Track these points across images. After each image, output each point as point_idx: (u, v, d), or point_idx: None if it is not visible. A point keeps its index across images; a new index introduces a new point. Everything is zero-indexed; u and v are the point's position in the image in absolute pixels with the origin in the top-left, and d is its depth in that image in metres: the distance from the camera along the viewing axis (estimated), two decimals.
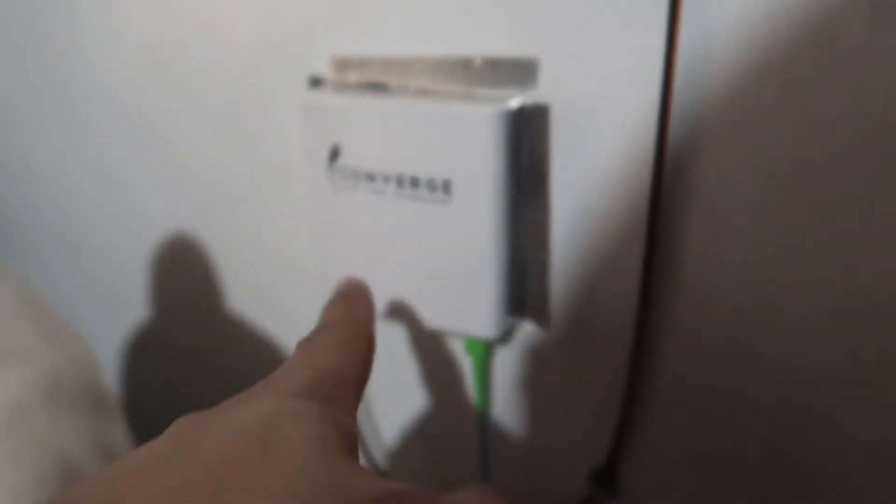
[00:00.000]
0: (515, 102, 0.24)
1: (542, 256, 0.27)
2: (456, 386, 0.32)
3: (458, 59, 0.25)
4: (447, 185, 0.24)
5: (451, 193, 0.24)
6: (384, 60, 0.27)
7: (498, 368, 0.31)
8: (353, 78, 0.28)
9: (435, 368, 0.33)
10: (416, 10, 0.26)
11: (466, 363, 0.31)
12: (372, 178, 0.26)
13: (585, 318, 0.27)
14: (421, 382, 0.34)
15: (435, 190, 0.25)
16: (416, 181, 0.25)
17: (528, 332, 0.29)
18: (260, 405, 0.15)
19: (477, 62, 0.25)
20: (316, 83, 0.30)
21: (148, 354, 0.52)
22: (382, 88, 0.27)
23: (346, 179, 0.27)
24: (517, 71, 0.24)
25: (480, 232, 0.25)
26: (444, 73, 0.26)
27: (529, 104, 0.24)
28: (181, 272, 0.45)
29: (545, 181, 0.25)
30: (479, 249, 0.25)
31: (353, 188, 0.27)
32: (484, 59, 0.25)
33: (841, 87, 0.19)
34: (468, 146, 0.24)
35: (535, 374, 0.30)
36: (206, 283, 0.43)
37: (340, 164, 0.27)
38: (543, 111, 0.24)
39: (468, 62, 0.25)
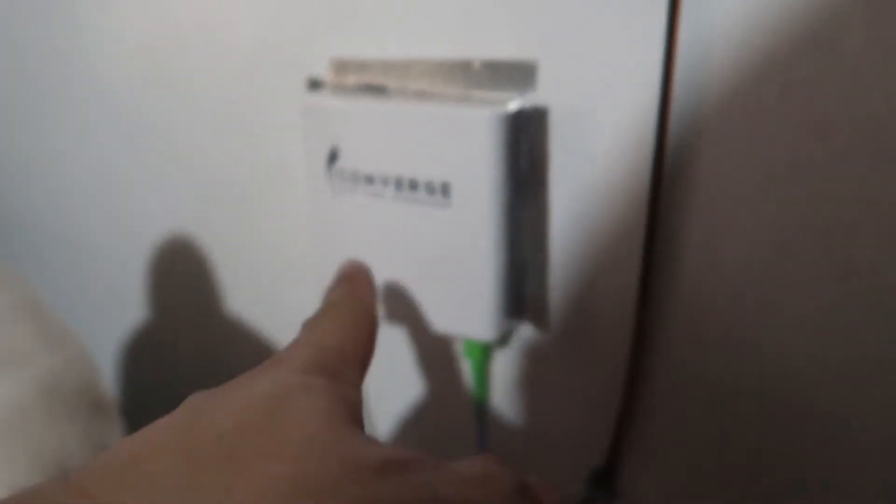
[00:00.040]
0: (514, 105, 0.24)
1: (540, 258, 0.27)
2: (454, 387, 0.32)
3: (456, 61, 0.25)
4: (446, 187, 0.24)
5: (449, 196, 0.24)
6: (383, 63, 0.27)
7: (497, 369, 0.31)
8: (351, 80, 0.28)
9: (433, 370, 0.33)
10: (415, 12, 0.26)
11: (465, 364, 0.31)
12: (371, 180, 0.26)
13: (584, 319, 0.27)
14: (419, 383, 0.34)
15: (434, 192, 0.25)
16: (414, 183, 0.25)
17: (526, 333, 0.29)
18: (269, 380, 0.16)
19: (476, 65, 0.25)
20: (315, 85, 0.30)
21: (147, 355, 0.52)
22: (381, 91, 0.27)
23: (344, 182, 0.27)
24: (516, 73, 0.24)
25: (479, 234, 0.25)
26: (442, 75, 0.26)
27: (528, 107, 0.24)
28: (180, 272, 0.45)
29: (544, 183, 0.25)
30: (477, 252, 0.25)
31: (351, 190, 0.27)
32: (483, 61, 0.25)
33: (841, 87, 0.19)
34: (467, 149, 0.24)
35: (533, 375, 0.30)
36: (205, 283, 0.43)
37: (339, 166, 0.27)
38: (542, 113, 0.24)
39: (467, 65, 0.25)
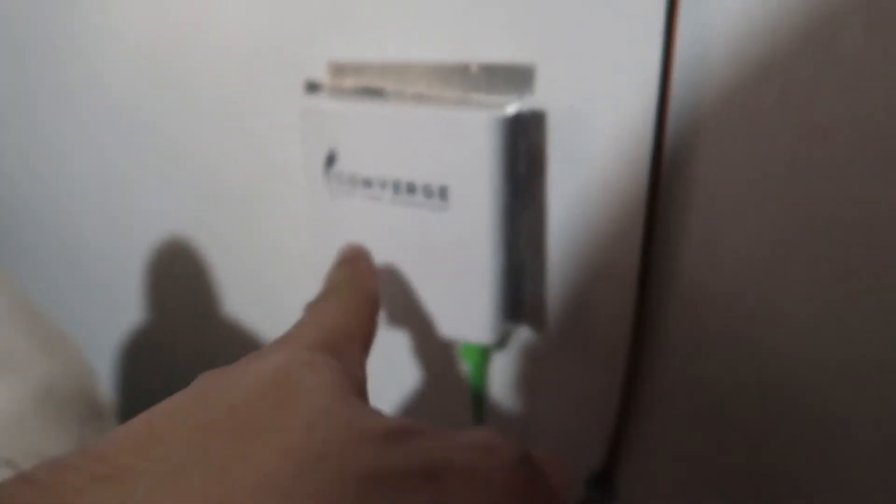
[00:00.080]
0: (512, 108, 0.24)
1: (538, 262, 0.27)
2: (453, 389, 0.32)
3: (454, 64, 0.25)
4: (444, 191, 0.24)
5: (447, 199, 0.24)
6: (381, 66, 0.27)
7: (495, 372, 0.31)
8: (349, 83, 0.28)
9: (431, 372, 0.33)
10: (412, 15, 0.26)
11: (463, 366, 0.31)
12: (369, 183, 0.26)
13: (582, 321, 0.27)
14: (417, 386, 0.34)
15: (431, 196, 0.25)
16: (412, 187, 0.25)
17: (524, 335, 0.29)
18: (276, 357, 0.16)
19: (473, 68, 0.25)
20: (313, 88, 0.30)
21: (145, 357, 0.52)
22: (379, 94, 0.27)
23: (342, 185, 0.27)
24: (514, 77, 0.24)
25: (477, 237, 0.25)
26: (440, 78, 0.26)
27: (526, 110, 0.24)
28: (178, 274, 0.45)
29: (542, 187, 0.25)
30: (475, 255, 0.25)
31: (349, 194, 0.27)
32: (480, 64, 0.25)
33: (840, 89, 0.19)
34: (465, 152, 0.23)
35: (532, 377, 0.30)
36: (203, 285, 0.43)
37: (337, 169, 0.27)
38: (540, 117, 0.24)
39: (465, 68, 0.25)
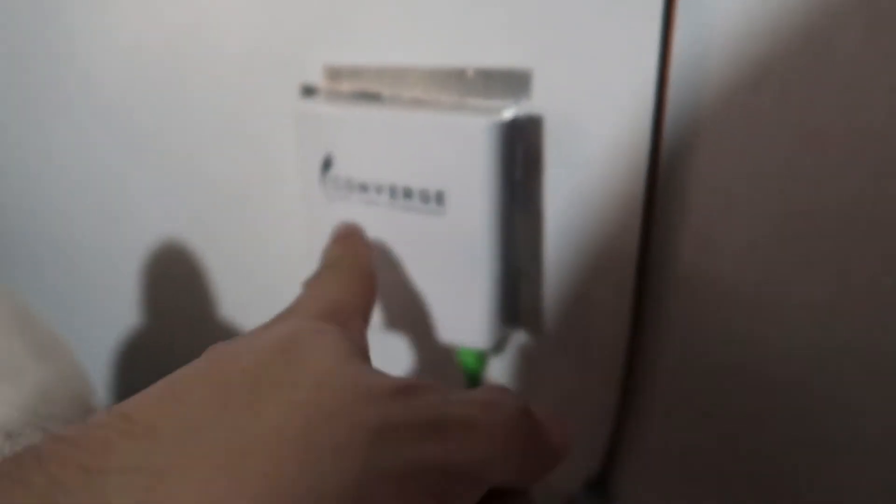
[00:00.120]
0: (509, 113, 0.24)
1: (535, 266, 0.27)
2: None
3: (451, 69, 0.25)
4: (440, 195, 0.24)
5: (444, 204, 0.24)
6: (377, 70, 0.27)
7: (492, 376, 0.30)
8: (345, 87, 0.28)
9: (427, 377, 0.33)
10: (409, 19, 0.26)
11: (460, 371, 0.31)
12: (365, 188, 0.26)
13: (579, 325, 0.27)
14: None
15: (428, 201, 0.25)
16: (409, 192, 0.25)
17: (521, 339, 0.29)
18: (282, 326, 0.17)
19: (470, 73, 0.25)
20: (309, 92, 0.29)
21: (141, 360, 0.52)
22: (375, 98, 0.27)
23: (339, 189, 0.27)
24: (510, 81, 0.24)
25: (474, 243, 0.25)
26: (437, 83, 0.26)
27: (523, 115, 0.24)
28: (175, 278, 0.44)
29: (539, 191, 0.25)
30: (472, 260, 0.25)
31: (346, 198, 0.27)
32: (477, 69, 0.25)
33: (837, 94, 0.19)
34: (462, 157, 0.23)
35: (528, 382, 0.30)
36: (199, 289, 0.43)
37: (333, 174, 0.27)
38: (537, 122, 0.24)
39: (461, 73, 0.25)
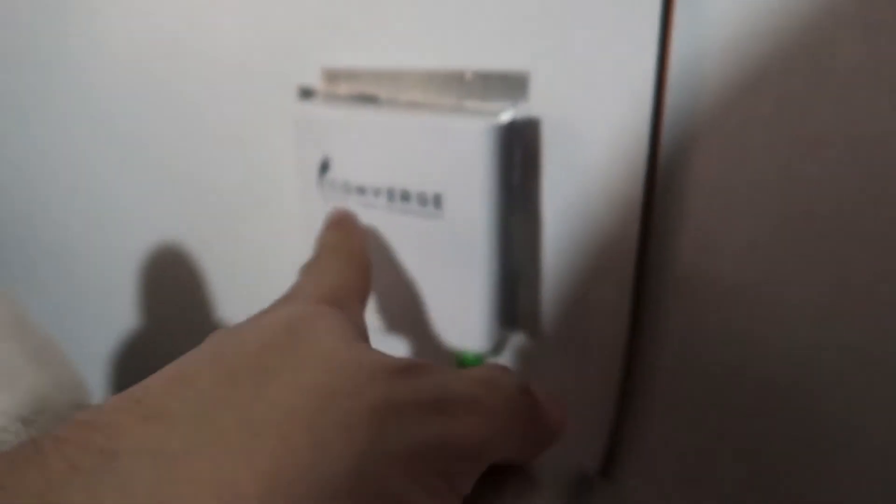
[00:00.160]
0: (507, 116, 0.24)
1: (533, 269, 0.27)
2: None
3: (448, 71, 0.25)
4: (438, 198, 0.24)
5: (441, 207, 0.24)
6: (375, 72, 0.27)
7: None
8: (343, 89, 0.28)
9: None
10: (406, 22, 0.26)
11: None
12: (362, 191, 0.26)
13: (577, 328, 0.27)
14: None
15: (426, 203, 0.25)
16: (406, 195, 0.25)
17: (519, 342, 0.29)
18: (285, 310, 0.18)
19: (468, 75, 0.25)
20: (306, 94, 0.29)
21: (138, 365, 0.52)
22: (373, 100, 0.27)
23: (336, 192, 0.27)
24: (508, 84, 0.24)
25: (471, 245, 0.24)
26: (434, 85, 0.26)
27: (520, 118, 0.24)
28: (171, 281, 0.44)
29: (536, 194, 0.25)
30: (470, 262, 0.25)
31: (343, 200, 0.27)
32: (475, 72, 0.25)
33: (835, 103, 0.19)
34: (459, 160, 0.23)
35: None
36: (195, 292, 0.43)
37: (331, 176, 0.27)
38: (535, 125, 0.24)
39: (459, 75, 0.25)
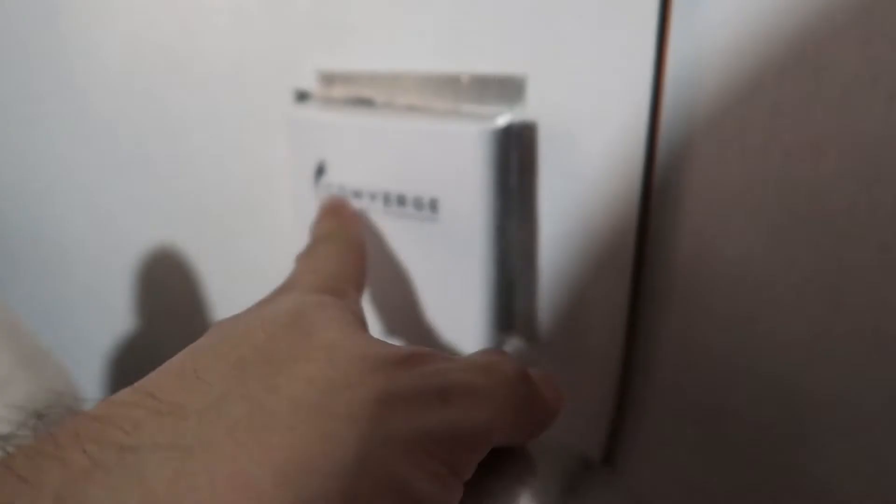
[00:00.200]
0: (503, 120, 0.23)
1: (530, 273, 0.27)
2: None
3: (445, 75, 0.25)
4: (434, 202, 0.24)
5: (438, 211, 0.24)
6: (371, 75, 0.27)
7: None
8: (339, 93, 0.28)
9: None
10: (403, 25, 0.26)
11: None
12: (358, 194, 0.26)
13: (574, 333, 0.27)
14: None
15: (422, 208, 0.25)
16: (402, 199, 0.25)
17: (516, 346, 0.29)
18: (286, 300, 0.18)
19: (464, 79, 0.25)
20: (302, 97, 0.29)
21: (134, 367, 0.51)
22: (369, 104, 0.27)
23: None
24: (505, 88, 0.24)
25: (468, 250, 0.24)
26: (431, 89, 0.25)
27: (517, 122, 0.24)
28: (167, 285, 0.44)
29: (533, 199, 0.25)
30: (466, 267, 0.25)
31: None
32: (471, 75, 0.25)
33: (832, 108, 0.19)
34: (455, 164, 0.23)
35: None
36: (192, 295, 0.43)
37: (326, 180, 0.27)
38: (531, 129, 0.24)
39: (455, 79, 0.25)
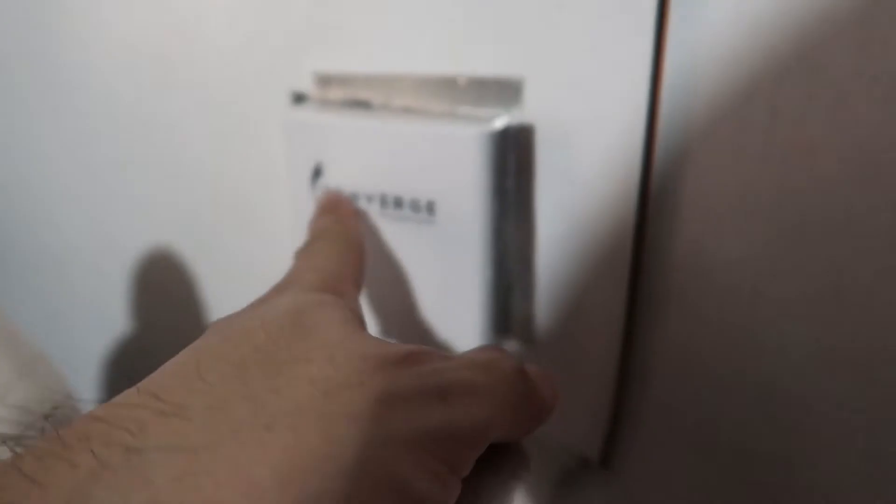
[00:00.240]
0: (500, 123, 0.23)
1: (527, 276, 0.26)
2: None
3: (442, 77, 0.25)
4: (431, 205, 0.24)
5: (435, 213, 0.24)
6: (368, 77, 0.27)
7: None
8: (336, 94, 0.28)
9: None
10: (400, 27, 0.26)
11: None
12: (355, 197, 0.26)
13: (571, 337, 0.27)
14: None
15: (419, 210, 0.24)
16: (399, 201, 0.25)
17: (513, 349, 0.29)
18: (286, 299, 0.18)
19: (461, 81, 0.25)
20: (299, 99, 0.29)
21: (131, 369, 0.51)
22: (366, 106, 0.27)
23: None
24: (502, 90, 0.24)
25: (465, 252, 0.24)
26: (428, 91, 0.25)
27: (514, 124, 0.24)
28: (165, 286, 0.44)
29: (530, 201, 0.25)
30: (463, 270, 0.25)
31: None
32: (469, 78, 0.24)
33: (829, 112, 0.19)
34: (453, 167, 0.23)
35: None
36: (190, 296, 0.43)
37: (323, 182, 0.26)
38: (528, 131, 0.24)
39: (453, 81, 0.25)
